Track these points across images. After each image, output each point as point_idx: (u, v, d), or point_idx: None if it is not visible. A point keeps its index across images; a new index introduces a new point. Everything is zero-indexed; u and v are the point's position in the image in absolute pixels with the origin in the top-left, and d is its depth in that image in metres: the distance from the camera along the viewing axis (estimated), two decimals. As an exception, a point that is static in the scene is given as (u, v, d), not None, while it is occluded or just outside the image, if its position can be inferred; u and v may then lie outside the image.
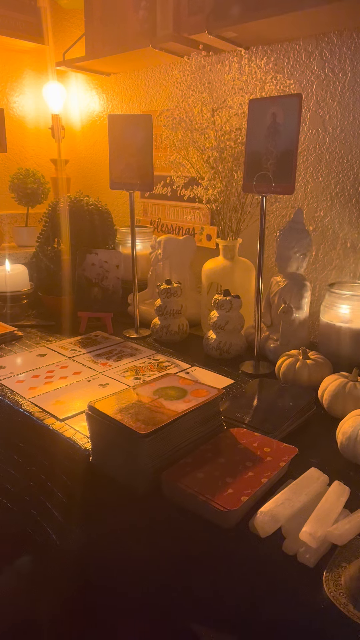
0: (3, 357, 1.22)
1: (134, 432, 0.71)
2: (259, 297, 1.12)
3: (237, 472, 0.72)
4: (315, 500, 0.67)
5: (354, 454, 0.77)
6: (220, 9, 1.24)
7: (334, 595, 0.55)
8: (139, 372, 1.13)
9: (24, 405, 0.97)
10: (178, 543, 0.71)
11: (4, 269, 1.49)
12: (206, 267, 1.36)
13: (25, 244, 1.82)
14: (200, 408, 0.80)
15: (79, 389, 1.04)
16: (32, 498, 0.96)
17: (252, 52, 1.38)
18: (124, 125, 1.27)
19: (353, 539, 0.61)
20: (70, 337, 1.35)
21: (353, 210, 1.27)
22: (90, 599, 0.88)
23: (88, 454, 0.81)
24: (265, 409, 0.92)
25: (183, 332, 1.33)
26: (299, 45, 1.30)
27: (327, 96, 1.27)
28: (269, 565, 0.61)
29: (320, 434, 0.89)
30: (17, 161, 2.00)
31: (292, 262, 1.18)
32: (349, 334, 1.11)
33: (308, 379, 1.02)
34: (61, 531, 0.90)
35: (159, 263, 1.45)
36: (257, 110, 1.02)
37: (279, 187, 1.01)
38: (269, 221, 1.44)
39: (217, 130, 1.21)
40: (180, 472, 0.72)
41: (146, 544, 0.75)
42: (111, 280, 1.41)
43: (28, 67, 1.97)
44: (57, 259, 1.50)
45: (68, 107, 2.02)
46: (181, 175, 1.34)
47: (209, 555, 0.66)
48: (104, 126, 1.92)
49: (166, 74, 1.66)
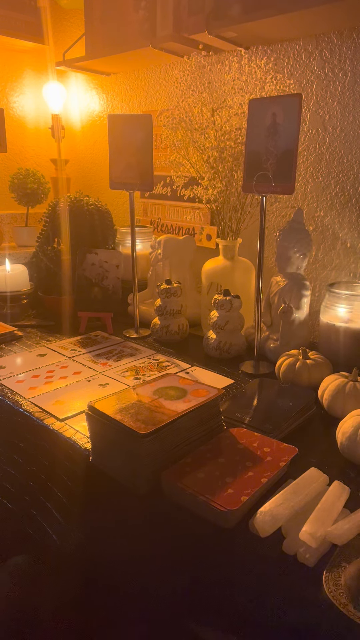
0: (3, 357, 1.22)
1: (134, 432, 0.71)
2: (259, 297, 1.12)
3: (237, 472, 0.72)
4: (315, 500, 0.67)
5: (354, 454, 0.77)
6: (220, 9, 1.23)
7: (334, 595, 0.55)
8: (139, 372, 1.13)
9: (24, 405, 0.97)
10: (178, 543, 0.71)
11: (4, 269, 1.49)
12: (206, 267, 1.36)
13: (25, 244, 1.82)
14: (200, 408, 0.80)
15: (79, 389, 1.04)
16: (32, 498, 0.96)
17: (252, 52, 1.38)
18: (124, 125, 1.27)
19: (353, 539, 0.61)
20: (70, 337, 1.35)
21: (353, 210, 1.27)
22: (90, 598, 0.88)
23: (88, 454, 0.81)
24: (265, 409, 0.92)
25: (183, 332, 1.33)
26: (299, 45, 1.30)
27: (327, 96, 1.27)
28: (268, 565, 0.61)
29: (320, 434, 0.89)
30: (17, 161, 2.00)
31: (292, 262, 1.18)
32: (349, 334, 1.11)
33: (308, 379, 1.02)
34: (61, 531, 0.90)
35: (159, 263, 1.45)
36: (257, 110, 1.02)
37: (279, 187, 1.01)
38: (269, 221, 1.44)
39: (217, 130, 1.21)
40: (180, 472, 0.72)
41: (146, 544, 0.75)
42: (111, 280, 1.41)
43: (28, 67, 1.97)
44: (57, 259, 1.50)
45: (68, 107, 2.02)
46: (181, 175, 1.34)
47: (209, 555, 0.66)
48: (104, 126, 1.92)
49: (166, 74, 1.66)
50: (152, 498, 0.73)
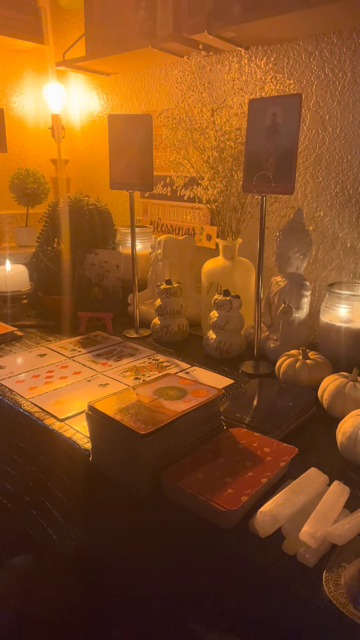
0: (3, 357, 1.22)
1: (134, 432, 0.71)
2: (259, 297, 1.12)
3: (237, 472, 0.72)
4: (315, 500, 0.67)
5: (354, 454, 0.77)
6: (220, 9, 1.23)
7: (333, 595, 0.55)
8: (139, 372, 1.13)
9: (24, 405, 0.97)
10: (178, 543, 0.71)
11: (4, 269, 1.49)
12: (206, 267, 1.36)
13: (25, 244, 1.82)
14: (200, 408, 0.80)
15: (79, 389, 1.04)
16: (32, 498, 0.96)
17: (252, 52, 1.38)
18: (124, 125, 1.27)
19: (353, 539, 0.61)
20: (70, 337, 1.35)
21: (353, 210, 1.27)
22: (90, 598, 0.88)
23: (88, 454, 0.82)
24: (265, 409, 0.92)
25: (183, 332, 1.33)
26: (299, 45, 1.30)
27: (327, 96, 1.27)
28: (268, 565, 0.61)
29: (320, 434, 0.89)
30: (17, 161, 2.00)
31: (292, 262, 1.18)
32: (349, 334, 1.11)
33: (308, 379, 1.02)
34: (61, 531, 0.90)
35: (158, 263, 1.45)
36: (257, 110, 1.02)
37: (279, 187, 1.01)
38: (269, 221, 1.44)
39: (217, 130, 1.21)
40: (180, 472, 0.72)
41: (146, 543, 0.75)
42: (111, 280, 1.41)
43: (28, 67, 1.97)
44: (57, 259, 1.50)
45: (68, 107, 2.02)
46: (181, 175, 1.34)
47: (209, 555, 0.66)
48: (104, 126, 1.92)
49: (166, 74, 1.66)
50: (152, 498, 0.73)
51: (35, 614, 0.93)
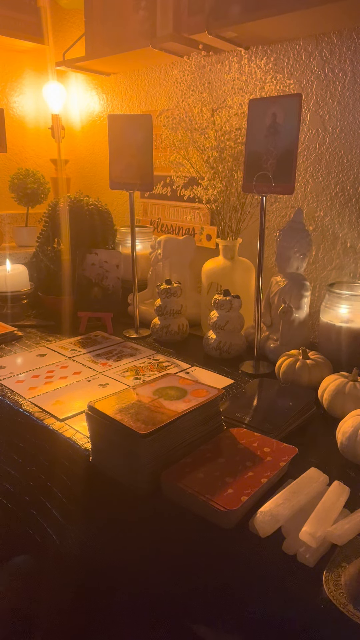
0: (3, 357, 1.22)
1: (134, 432, 0.71)
2: (259, 297, 1.12)
3: (237, 472, 0.72)
4: (315, 500, 0.67)
5: (354, 454, 0.77)
6: (220, 9, 1.23)
7: (334, 595, 0.55)
8: (139, 372, 1.13)
9: (24, 405, 0.97)
10: (178, 543, 0.71)
11: (4, 269, 1.49)
12: (206, 267, 1.36)
13: (25, 244, 1.82)
14: (200, 408, 0.80)
15: (79, 389, 1.04)
16: (32, 498, 0.96)
17: (252, 52, 1.38)
18: (123, 125, 1.27)
19: (353, 539, 0.61)
20: (70, 337, 1.35)
21: (353, 210, 1.27)
22: (90, 598, 0.88)
23: (88, 454, 0.82)
24: (265, 409, 0.92)
25: (183, 332, 1.33)
26: (299, 45, 1.30)
27: (327, 96, 1.27)
28: (268, 565, 0.61)
29: (320, 434, 0.89)
30: (17, 161, 2.00)
31: (292, 262, 1.18)
32: (349, 334, 1.11)
33: (308, 379, 1.02)
34: (61, 531, 0.90)
35: (159, 263, 1.45)
36: (257, 110, 1.02)
37: (279, 187, 1.01)
38: (269, 221, 1.44)
39: (217, 130, 1.21)
40: (180, 472, 0.72)
41: (146, 543, 0.75)
42: (111, 280, 1.41)
43: (28, 67, 1.97)
44: (57, 259, 1.50)
45: (68, 107, 2.02)
46: (181, 175, 1.34)
47: (209, 555, 0.67)
48: (104, 126, 1.92)
49: (166, 74, 1.66)
50: (152, 498, 0.73)
51: (35, 614, 0.93)
